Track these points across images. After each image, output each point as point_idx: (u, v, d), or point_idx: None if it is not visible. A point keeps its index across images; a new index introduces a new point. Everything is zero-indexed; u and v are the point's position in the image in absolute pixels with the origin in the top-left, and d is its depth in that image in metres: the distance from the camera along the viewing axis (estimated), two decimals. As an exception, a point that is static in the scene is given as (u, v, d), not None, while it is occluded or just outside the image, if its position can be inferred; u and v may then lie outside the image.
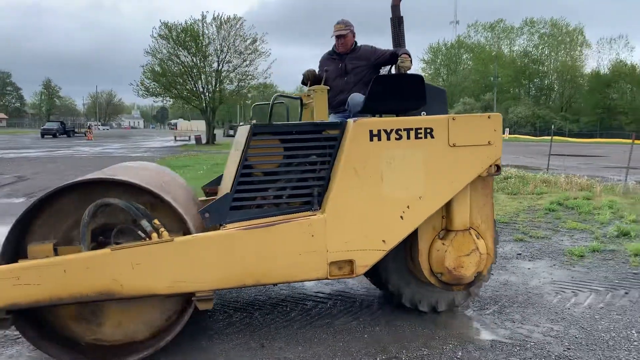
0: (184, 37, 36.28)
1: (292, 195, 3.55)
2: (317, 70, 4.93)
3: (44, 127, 51.09)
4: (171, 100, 40.93)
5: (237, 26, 37.47)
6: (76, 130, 56.27)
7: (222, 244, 3.31)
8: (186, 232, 3.33)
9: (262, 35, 38.19)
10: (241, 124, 4.82)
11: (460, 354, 3.45)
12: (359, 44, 4.79)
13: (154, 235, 3.23)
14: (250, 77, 39.24)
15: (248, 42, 37.87)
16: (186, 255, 3.24)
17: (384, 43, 4.87)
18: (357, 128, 3.49)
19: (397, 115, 3.93)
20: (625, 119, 55.76)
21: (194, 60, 37.31)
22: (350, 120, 3.55)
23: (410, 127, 3.54)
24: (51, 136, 48.01)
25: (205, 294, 3.28)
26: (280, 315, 4.17)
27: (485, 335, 3.74)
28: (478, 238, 3.77)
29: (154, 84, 37.49)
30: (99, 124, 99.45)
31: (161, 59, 36.94)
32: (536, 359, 3.37)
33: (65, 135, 50.52)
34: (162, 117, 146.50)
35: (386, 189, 3.54)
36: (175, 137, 47.95)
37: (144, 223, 3.24)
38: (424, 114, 3.98)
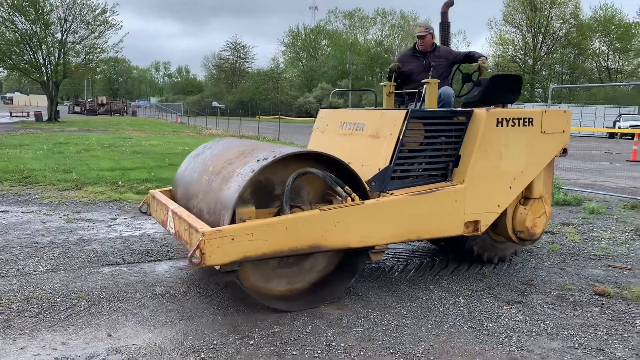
0: (21, 2, 32.50)
1: (432, 169, 4.46)
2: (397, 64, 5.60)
3: None
4: (5, 71, 36.58)
5: (85, -6, 34.52)
6: None
7: (397, 206, 4.09)
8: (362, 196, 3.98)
9: (112, 5, 35.67)
10: (323, 106, 5.53)
11: (309, 328, 3.61)
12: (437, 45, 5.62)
13: (348, 199, 3.82)
14: (99, 50, 36.51)
15: (97, 12, 35.12)
16: (372, 215, 3.95)
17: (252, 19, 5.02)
18: (489, 116, 4.45)
19: (503, 106, 4.94)
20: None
21: (34, 28, 33.66)
22: (481, 109, 4.49)
23: (520, 117, 4.60)
24: None
25: (381, 247, 4.08)
26: (129, 302, 4.01)
27: (333, 310, 3.96)
28: (545, 204, 4.92)
29: (-18, 53, 33.17)
30: None
31: (-8, 24, 32.76)
32: (377, 328, 3.65)
33: None
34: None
35: (503, 165, 4.57)
36: (10, 112, 43.08)
37: (339, 190, 3.81)
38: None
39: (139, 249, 5.45)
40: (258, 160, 3.71)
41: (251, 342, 3.38)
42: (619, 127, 34.63)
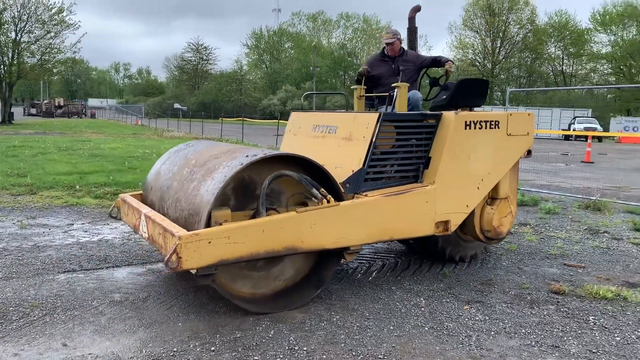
0: (-28, 0, 31.37)
1: (404, 170, 4.55)
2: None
3: None
4: (-45, 71, 35.19)
5: (40, -8, 33.54)
6: None
7: (371, 207, 4.15)
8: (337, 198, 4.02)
9: (69, 5, 34.77)
10: (291, 109, 5.49)
11: (272, 333, 3.59)
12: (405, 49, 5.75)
13: (324, 201, 3.85)
14: (55, 50, 35.54)
15: (53, 11, 34.17)
16: (347, 217, 3.99)
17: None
18: (458, 119, 4.57)
19: (470, 110, 5.03)
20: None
21: (-15, 27, 32.52)
22: (450, 113, 4.59)
23: (487, 120, 4.72)
24: None
25: (355, 248, 4.12)
26: (86, 309, 3.90)
27: (296, 314, 3.94)
28: (510, 204, 5.09)
29: None
30: None
31: (-60, 22, 31.47)
32: (340, 330, 3.66)
33: None
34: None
35: (471, 167, 4.68)
36: (-39, 114, 41.42)
37: (314, 192, 3.83)
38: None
39: (97, 255, 5.31)
40: (247, 156, 3.74)
41: (212, 348, 3.33)
42: (574, 130, 35.83)
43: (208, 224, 3.55)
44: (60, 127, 31.93)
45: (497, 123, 4.80)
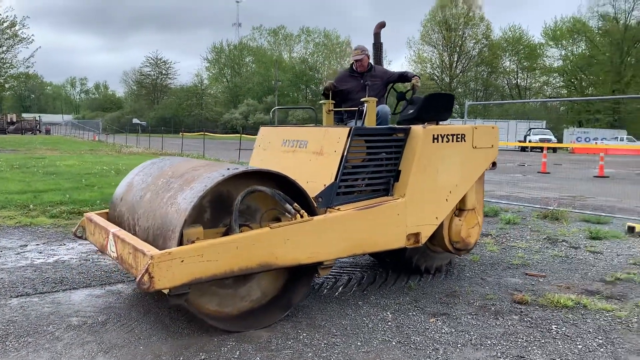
0: None
1: (375, 184, 4.59)
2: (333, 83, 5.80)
3: None
4: None
5: (-9, 6, 32.59)
6: None
7: (344, 221, 4.15)
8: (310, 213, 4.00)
9: (22, 18, 33.88)
10: (253, 123, 5.44)
11: (237, 353, 3.50)
12: (372, 65, 5.87)
13: (297, 216, 3.83)
14: (7, 65, 34.55)
15: (5, 25, 33.22)
16: (321, 231, 3.98)
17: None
18: (426, 133, 4.64)
19: (436, 124, 5.04)
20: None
21: None
22: (418, 127, 4.67)
23: (453, 133, 4.81)
24: None
25: (329, 262, 4.12)
26: (41, 335, 3.72)
27: (262, 333, 3.86)
28: (477, 215, 5.21)
29: None
30: None
31: None
32: (307, 348, 3.60)
33: None
34: None
35: (439, 179, 4.75)
36: None
37: (288, 207, 3.80)
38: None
39: (53, 277, 5.10)
40: (228, 169, 3.72)
41: (176, 372, 3.22)
42: (530, 141, 36.94)
43: (180, 242, 3.46)
44: (13, 144, 30.87)
45: (463, 136, 4.90)
